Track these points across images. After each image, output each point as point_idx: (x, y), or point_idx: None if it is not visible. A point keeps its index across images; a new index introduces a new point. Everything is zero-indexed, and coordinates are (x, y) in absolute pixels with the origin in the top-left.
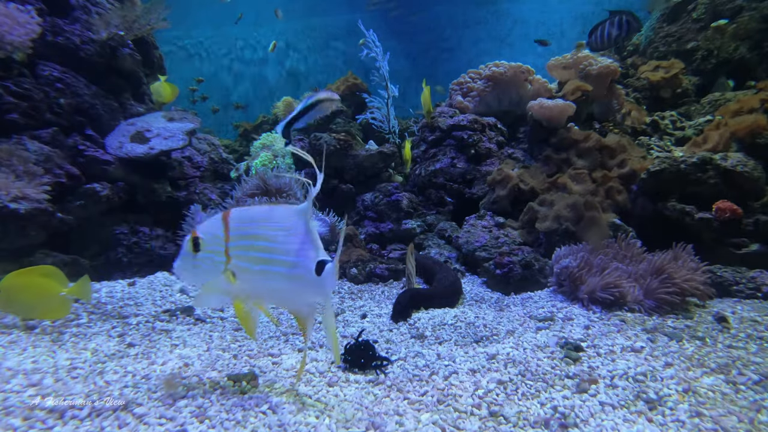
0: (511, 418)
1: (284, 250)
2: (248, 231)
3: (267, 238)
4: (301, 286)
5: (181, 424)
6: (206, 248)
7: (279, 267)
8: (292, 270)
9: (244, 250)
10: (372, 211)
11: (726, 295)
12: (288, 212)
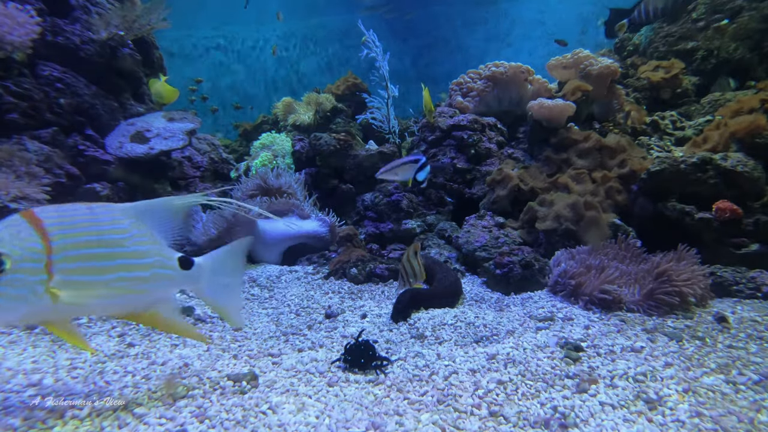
0: (511, 418)
1: (136, 253)
2: (78, 238)
3: (107, 244)
4: (165, 286)
5: (181, 424)
6: (18, 267)
7: (137, 272)
8: (153, 271)
9: (80, 261)
10: (372, 211)
11: (726, 295)
12: (113, 213)
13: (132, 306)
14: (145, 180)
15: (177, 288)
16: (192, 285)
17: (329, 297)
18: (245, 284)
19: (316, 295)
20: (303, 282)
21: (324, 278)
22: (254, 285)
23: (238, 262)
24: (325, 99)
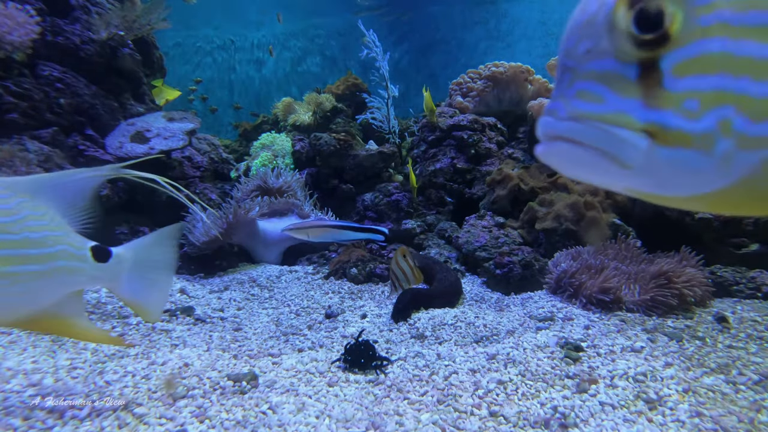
0: (511, 418)
1: (27, 242)
2: None
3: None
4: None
5: (181, 424)
6: None
7: (28, 266)
8: (53, 265)
9: None
10: (372, 211)
11: (726, 295)
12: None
13: (22, 310)
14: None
15: (89, 285)
16: (109, 281)
17: (329, 297)
18: (245, 284)
19: (316, 295)
20: (303, 282)
21: (324, 278)
22: (254, 285)
23: (169, 252)
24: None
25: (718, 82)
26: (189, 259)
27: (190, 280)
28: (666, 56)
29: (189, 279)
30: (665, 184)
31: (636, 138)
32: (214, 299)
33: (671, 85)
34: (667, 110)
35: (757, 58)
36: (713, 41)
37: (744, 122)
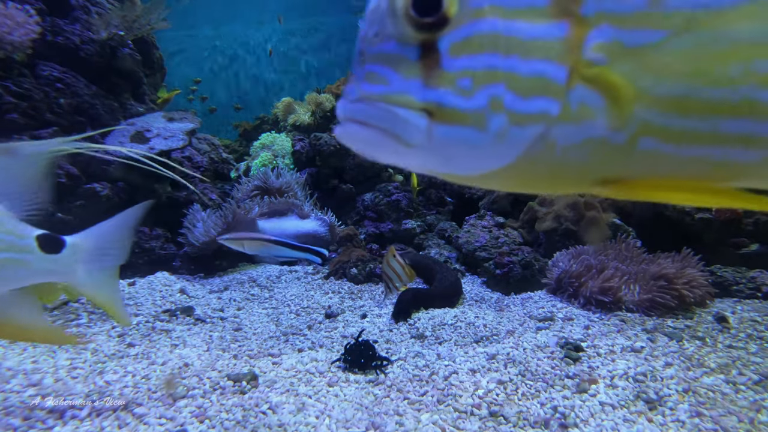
0: (511, 418)
1: None
2: None
3: None
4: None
5: (181, 424)
6: None
7: None
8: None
9: None
10: (372, 211)
11: (726, 295)
12: None
13: None
14: (146, 180)
15: (38, 279)
16: (64, 275)
17: (329, 297)
18: (245, 284)
19: (316, 295)
20: (303, 282)
21: (324, 278)
22: (254, 285)
23: (127, 239)
24: (325, 99)
25: (490, 60)
26: (189, 259)
27: (190, 280)
28: (444, 37)
29: (189, 279)
30: (450, 162)
31: (416, 117)
32: (214, 299)
33: (448, 65)
34: (444, 89)
35: (525, 38)
36: (485, 22)
37: (514, 99)
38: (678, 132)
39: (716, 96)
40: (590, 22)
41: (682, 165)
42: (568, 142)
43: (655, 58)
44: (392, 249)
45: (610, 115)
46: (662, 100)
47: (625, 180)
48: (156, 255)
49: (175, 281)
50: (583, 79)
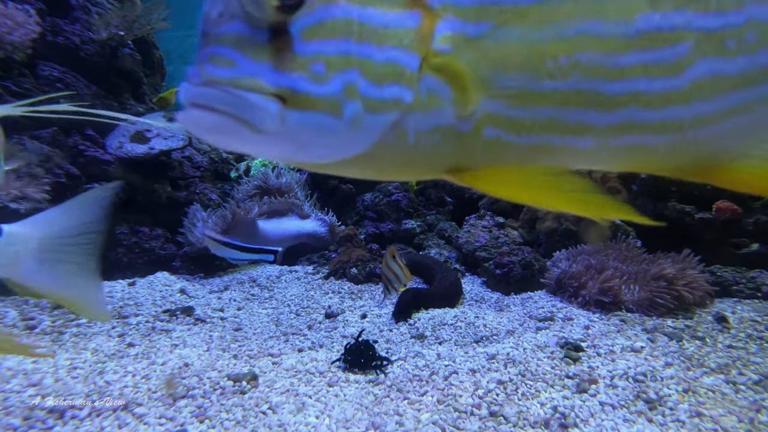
0: (511, 418)
1: None
2: None
3: None
4: None
5: (181, 424)
6: None
7: None
8: None
9: None
10: (372, 211)
11: (726, 295)
12: None
13: None
14: (146, 180)
15: None
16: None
17: (329, 297)
18: (245, 284)
19: (316, 295)
20: (303, 282)
21: (324, 278)
22: (254, 285)
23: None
24: None
25: (343, 46)
26: (189, 259)
27: (190, 280)
28: (295, 21)
29: (189, 279)
30: (305, 149)
31: (266, 102)
32: (214, 299)
33: (300, 49)
34: (297, 74)
35: (378, 25)
36: (339, 7)
37: (368, 86)
38: (518, 121)
39: (550, 86)
40: (438, 13)
41: (524, 153)
42: (419, 129)
43: (495, 49)
44: (392, 249)
45: (456, 104)
46: (503, 90)
47: (473, 168)
48: (156, 255)
49: (175, 281)
50: (432, 68)
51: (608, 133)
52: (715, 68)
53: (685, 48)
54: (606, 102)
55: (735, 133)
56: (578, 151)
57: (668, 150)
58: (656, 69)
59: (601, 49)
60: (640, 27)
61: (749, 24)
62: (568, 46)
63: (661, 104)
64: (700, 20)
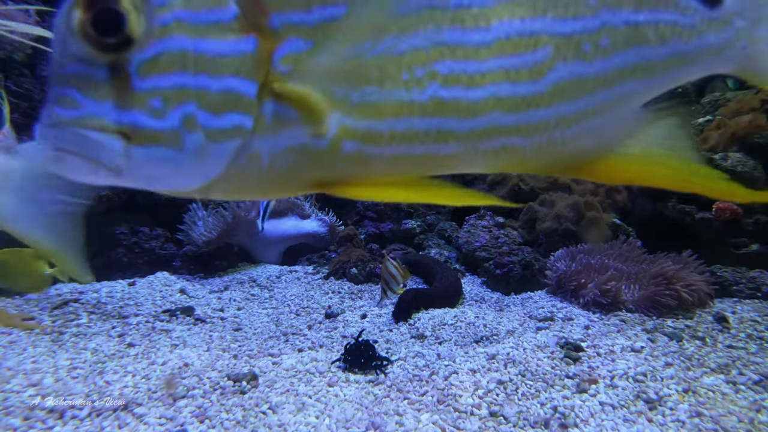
0: (511, 418)
1: None
2: None
3: None
4: None
5: (181, 424)
6: None
7: None
8: None
9: None
10: (372, 211)
11: (726, 295)
12: None
13: None
14: None
15: None
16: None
17: (329, 297)
18: (245, 284)
19: (316, 295)
20: (303, 282)
21: (324, 278)
22: (254, 285)
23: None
24: None
25: (179, 79)
26: (189, 259)
27: (190, 280)
28: (132, 57)
29: (189, 279)
30: (156, 181)
31: (110, 140)
32: (214, 299)
33: (138, 85)
34: (137, 110)
35: (213, 54)
36: (172, 40)
37: (206, 116)
38: (377, 133)
39: (406, 97)
40: (279, 35)
41: (389, 162)
42: (272, 152)
43: (344, 66)
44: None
45: (306, 123)
46: (357, 105)
47: (340, 181)
48: (156, 255)
49: (175, 281)
50: (275, 91)
51: (473, 138)
52: (575, 72)
53: (546, 53)
54: (468, 109)
55: (599, 130)
56: (444, 156)
57: (536, 150)
58: (518, 74)
59: (460, 58)
60: (500, 34)
61: (604, 29)
62: (424, 57)
63: (525, 108)
64: (559, 26)
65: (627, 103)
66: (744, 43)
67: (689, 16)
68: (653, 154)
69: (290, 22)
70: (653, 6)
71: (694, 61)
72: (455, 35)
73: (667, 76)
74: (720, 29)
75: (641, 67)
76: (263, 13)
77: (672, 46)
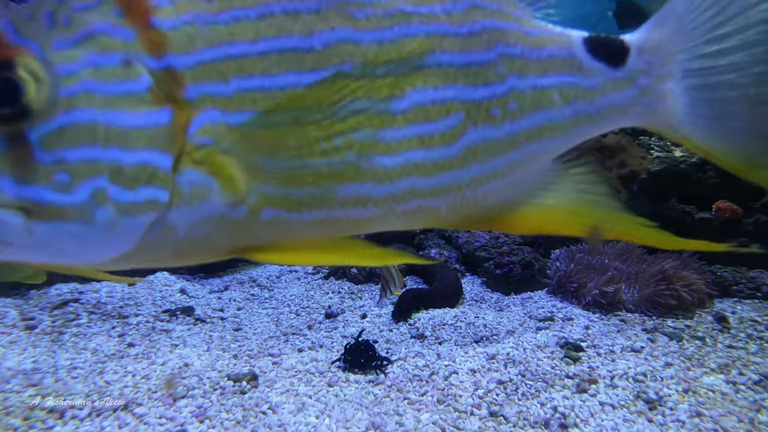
0: (511, 418)
1: None
2: None
3: None
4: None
5: (181, 424)
6: None
7: None
8: None
9: None
10: None
11: (726, 295)
12: None
13: None
14: None
15: None
16: None
17: (329, 297)
18: (245, 284)
19: (316, 295)
20: (303, 282)
21: (324, 278)
22: (254, 285)
23: None
24: None
25: (89, 153)
26: None
27: (190, 280)
28: (33, 129)
29: (189, 279)
30: (64, 254)
31: (9, 216)
32: (214, 299)
33: (42, 158)
34: (40, 185)
35: (125, 127)
36: (81, 111)
37: (119, 191)
38: (296, 200)
39: (324, 165)
40: (195, 106)
41: (309, 227)
42: (188, 222)
43: (261, 135)
44: None
45: (224, 193)
46: (274, 174)
47: (259, 246)
48: None
49: (175, 281)
50: (193, 162)
51: (391, 201)
52: (485, 135)
53: (458, 119)
54: (385, 175)
55: (512, 187)
56: (364, 219)
57: (450, 209)
58: (432, 140)
59: (375, 127)
60: (414, 102)
61: (512, 93)
62: (340, 126)
63: (439, 171)
64: (470, 92)
65: (537, 160)
66: (649, 99)
67: (593, 78)
68: (571, 204)
69: (207, 93)
70: (558, 70)
71: (600, 119)
72: (371, 104)
73: (574, 134)
74: (624, 88)
75: (548, 128)
76: (178, 84)
77: (577, 107)
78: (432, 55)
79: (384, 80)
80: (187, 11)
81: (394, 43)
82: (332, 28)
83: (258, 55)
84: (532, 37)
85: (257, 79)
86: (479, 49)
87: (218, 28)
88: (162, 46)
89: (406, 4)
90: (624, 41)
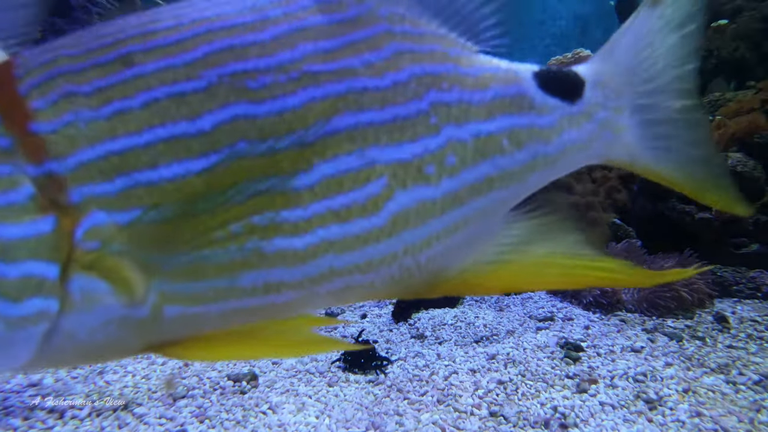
0: (511, 418)
1: None
2: None
3: None
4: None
5: (181, 424)
6: None
7: None
8: None
9: None
10: None
11: (726, 295)
12: None
13: None
14: None
15: None
16: None
17: None
18: None
19: None
20: None
21: None
22: None
23: None
24: None
25: None
26: None
27: None
28: None
29: None
30: None
31: None
32: None
33: None
34: None
35: (7, 240)
36: None
37: (5, 305)
38: (200, 294)
39: (224, 256)
40: (80, 209)
41: (220, 319)
42: (87, 327)
43: (152, 231)
44: None
45: (120, 296)
46: (171, 270)
47: (171, 342)
48: None
49: None
50: (82, 268)
51: (309, 284)
52: (418, 197)
53: (381, 184)
54: (296, 257)
55: (457, 248)
56: (281, 305)
57: (388, 281)
58: (349, 212)
59: (278, 207)
60: (323, 174)
61: (449, 146)
62: (237, 211)
63: (362, 245)
64: (394, 152)
65: (490, 214)
66: (609, 133)
67: (547, 115)
68: (539, 255)
69: (91, 195)
70: (506, 112)
71: (559, 159)
72: (272, 184)
73: (530, 180)
74: (583, 123)
75: (498, 178)
76: (61, 189)
77: (531, 149)
78: (345, 117)
79: (286, 154)
80: (67, 110)
81: (298, 110)
82: (222, 106)
83: (142, 147)
84: (472, 77)
85: (143, 173)
86: (406, 101)
87: (99, 124)
88: (41, 151)
89: (315, 62)
90: (577, 73)
